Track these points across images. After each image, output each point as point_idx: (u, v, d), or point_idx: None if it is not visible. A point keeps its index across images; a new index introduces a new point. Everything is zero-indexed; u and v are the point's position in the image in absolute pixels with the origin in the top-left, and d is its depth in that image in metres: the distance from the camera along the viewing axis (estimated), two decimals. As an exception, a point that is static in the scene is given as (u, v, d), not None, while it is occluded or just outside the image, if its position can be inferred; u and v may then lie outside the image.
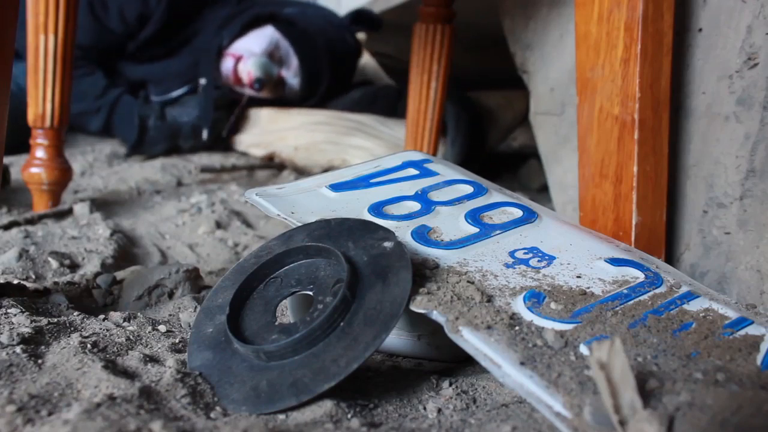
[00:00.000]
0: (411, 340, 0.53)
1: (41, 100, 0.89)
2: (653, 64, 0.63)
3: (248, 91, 1.52)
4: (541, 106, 0.94)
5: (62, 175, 0.93)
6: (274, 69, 1.51)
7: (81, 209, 0.95)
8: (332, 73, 1.58)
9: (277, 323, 0.46)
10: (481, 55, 1.65)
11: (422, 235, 0.53)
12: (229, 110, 1.58)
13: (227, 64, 1.51)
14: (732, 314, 0.47)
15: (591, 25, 0.65)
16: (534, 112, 0.96)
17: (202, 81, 1.54)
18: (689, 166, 0.67)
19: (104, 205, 1.05)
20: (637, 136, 0.62)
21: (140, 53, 1.54)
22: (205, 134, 1.50)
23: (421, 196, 0.59)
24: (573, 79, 0.69)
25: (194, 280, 0.68)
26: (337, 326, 0.43)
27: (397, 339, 0.53)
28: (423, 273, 0.47)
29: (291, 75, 1.55)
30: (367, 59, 2.00)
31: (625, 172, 0.63)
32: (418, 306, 0.43)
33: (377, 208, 0.56)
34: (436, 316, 0.43)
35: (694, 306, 0.48)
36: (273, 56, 1.52)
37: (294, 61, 1.53)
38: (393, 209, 0.57)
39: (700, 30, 0.65)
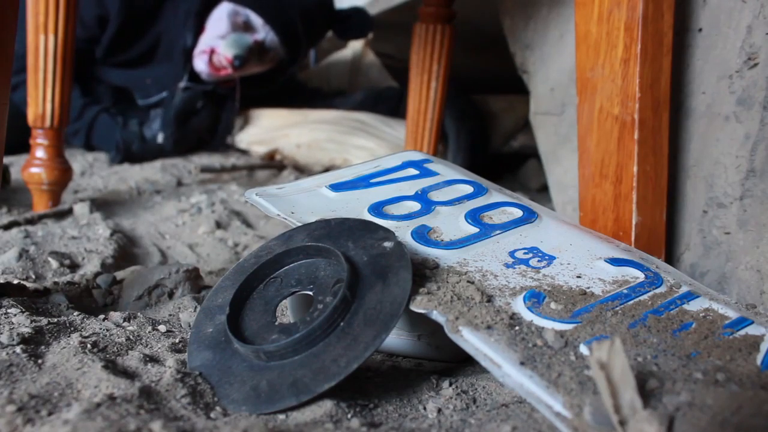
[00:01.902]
0: (411, 340, 0.53)
1: (41, 100, 0.89)
2: (653, 64, 0.63)
3: (236, 75, 1.49)
4: (541, 106, 0.94)
5: (62, 175, 0.93)
6: (246, 39, 1.46)
7: (81, 209, 0.95)
8: (304, 20, 1.51)
9: (277, 323, 0.46)
10: (481, 55, 1.65)
11: (422, 235, 0.53)
12: (219, 105, 1.55)
13: (200, 64, 1.48)
14: (732, 314, 0.47)
15: (591, 25, 0.65)
16: (534, 112, 0.96)
17: (163, 94, 1.52)
18: (689, 166, 0.67)
19: (104, 205, 1.05)
20: (637, 136, 0.62)
21: (114, 57, 1.51)
22: (160, 138, 1.48)
23: (421, 196, 0.59)
24: (573, 79, 0.69)
25: (194, 280, 0.68)
26: (337, 326, 0.43)
27: (397, 339, 0.53)
28: (423, 273, 0.47)
29: (264, 34, 1.49)
30: (372, 60, 1.99)
31: (625, 172, 0.63)
32: (418, 306, 0.43)
33: (377, 208, 0.56)
34: (436, 316, 0.43)
35: (694, 306, 0.48)
36: (239, 28, 1.47)
37: (258, 20, 1.48)
38: (393, 209, 0.57)
39: (700, 30, 0.65)
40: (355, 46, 2.04)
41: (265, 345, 0.43)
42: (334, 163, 1.43)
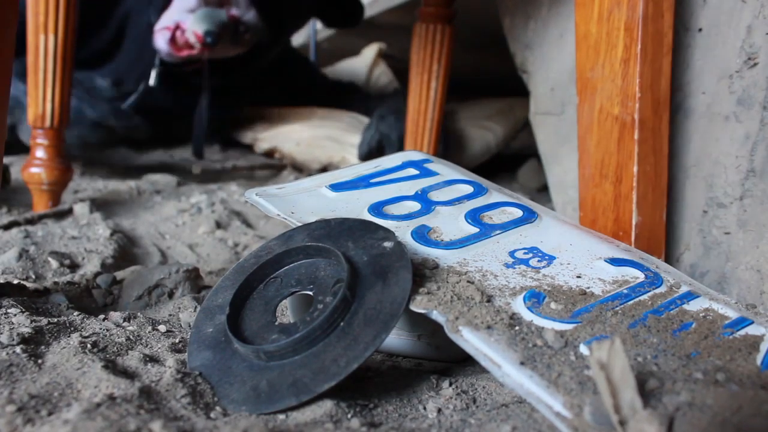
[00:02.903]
0: (411, 340, 0.53)
1: (41, 100, 0.89)
2: (653, 64, 0.63)
3: (204, 55, 1.28)
4: (541, 106, 0.94)
5: (62, 175, 0.93)
6: (220, 13, 1.25)
7: (81, 209, 0.95)
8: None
9: (277, 323, 0.46)
10: (481, 55, 1.65)
11: (422, 235, 0.53)
12: (189, 90, 1.36)
13: (160, 41, 1.26)
14: (732, 314, 0.47)
15: (591, 25, 0.65)
16: (534, 112, 0.96)
17: (141, 87, 1.34)
18: (689, 166, 0.66)
19: (104, 205, 1.05)
20: (637, 136, 0.62)
21: (78, 53, 1.30)
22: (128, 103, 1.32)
23: (421, 196, 0.59)
24: (573, 79, 0.69)
25: (194, 280, 0.68)
26: (337, 326, 0.43)
27: (397, 339, 0.53)
28: (423, 273, 0.47)
29: (243, 10, 1.28)
30: (383, 70, 1.96)
31: (625, 172, 0.63)
32: (418, 306, 0.43)
33: (377, 208, 0.56)
34: (436, 316, 0.43)
35: (694, 306, 0.48)
36: (211, 1, 1.26)
37: None
38: (393, 209, 0.57)
39: (700, 30, 0.65)
40: (367, 54, 1.99)
41: (265, 345, 0.43)
42: (332, 161, 1.42)
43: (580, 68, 0.67)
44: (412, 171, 0.65)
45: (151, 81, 1.30)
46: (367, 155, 1.31)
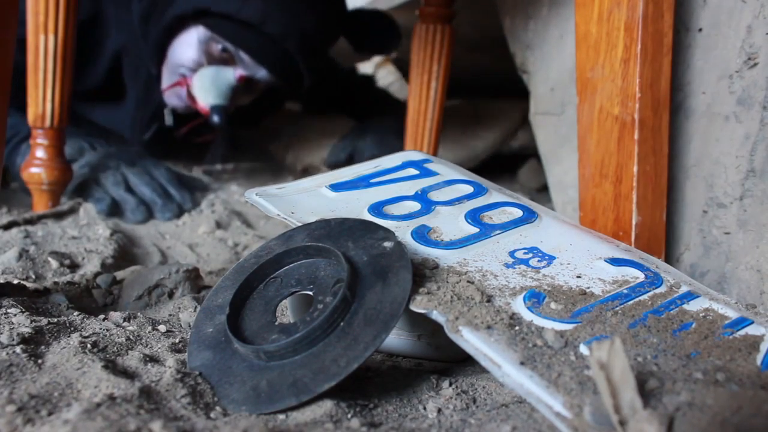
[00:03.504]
0: (411, 340, 0.53)
1: (41, 100, 0.89)
2: (653, 64, 0.63)
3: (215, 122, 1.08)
4: (541, 106, 0.94)
5: (62, 175, 0.93)
6: (227, 76, 1.06)
7: (87, 209, 0.95)
8: (305, 48, 1.08)
9: (277, 323, 0.46)
10: (481, 55, 1.65)
11: (422, 235, 0.53)
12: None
13: (174, 99, 1.11)
14: (732, 314, 0.47)
15: (591, 25, 0.65)
16: (534, 112, 0.96)
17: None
18: (689, 166, 0.66)
19: (104, 205, 1.05)
20: (637, 136, 0.62)
21: (79, 88, 1.12)
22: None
23: (421, 196, 0.59)
24: (573, 79, 0.69)
25: (194, 280, 0.68)
26: (337, 326, 0.43)
27: (397, 339, 0.53)
28: (423, 273, 0.47)
29: (253, 69, 1.08)
30: (390, 70, 1.93)
31: (625, 172, 0.63)
32: (418, 306, 0.43)
33: (377, 208, 0.56)
34: (436, 316, 0.43)
35: (694, 306, 0.48)
36: (214, 58, 1.06)
37: (243, 55, 1.07)
38: (393, 209, 0.57)
39: (700, 30, 0.65)
40: (376, 58, 1.90)
41: (265, 345, 0.43)
42: (313, 162, 1.40)
43: (580, 68, 0.67)
44: (412, 171, 0.65)
45: (167, 121, 1.16)
46: (333, 166, 1.23)
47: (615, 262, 0.52)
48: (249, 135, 1.53)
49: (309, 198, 0.58)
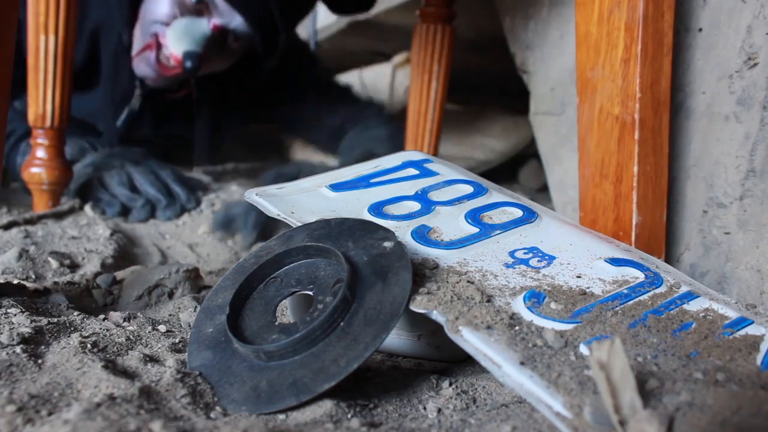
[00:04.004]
0: (411, 340, 0.53)
1: (41, 100, 0.89)
2: (653, 64, 0.63)
3: (190, 75, 1.07)
4: (541, 106, 0.94)
5: (62, 175, 0.93)
6: (201, 26, 1.02)
7: (90, 209, 0.95)
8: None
9: (277, 323, 0.46)
10: (481, 55, 1.65)
11: (422, 235, 0.53)
12: (176, 115, 1.17)
13: (143, 66, 1.07)
14: (732, 314, 0.47)
15: (591, 25, 0.65)
16: (534, 112, 0.96)
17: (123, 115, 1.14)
18: (689, 166, 0.66)
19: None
20: (637, 136, 0.62)
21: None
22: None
23: (421, 196, 0.59)
24: (573, 79, 0.69)
25: (194, 280, 0.68)
26: (337, 326, 0.43)
27: (397, 339, 0.53)
28: (423, 273, 0.47)
29: (228, 16, 1.04)
30: (407, 73, 1.88)
31: (625, 172, 0.63)
32: (418, 306, 0.43)
33: (377, 208, 0.56)
34: (436, 316, 0.43)
35: (694, 306, 0.48)
36: (187, 9, 1.03)
37: (220, 2, 1.03)
38: (393, 209, 0.57)
39: (700, 30, 0.65)
40: (396, 59, 1.84)
41: (265, 345, 0.43)
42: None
43: (580, 68, 0.67)
44: (412, 171, 0.65)
45: (134, 104, 1.12)
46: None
47: (615, 262, 0.52)
48: (260, 129, 1.50)
49: (309, 198, 0.58)
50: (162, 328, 0.55)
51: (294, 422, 0.40)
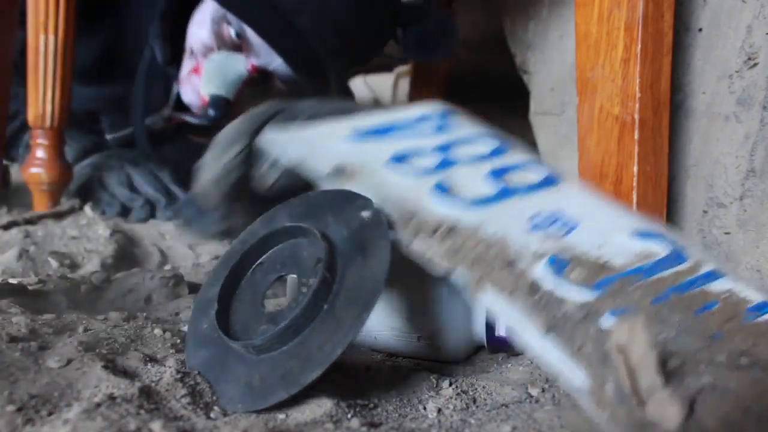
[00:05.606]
0: (410, 341, 0.53)
1: (41, 100, 0.89)
2: (653, 64, 0.63)
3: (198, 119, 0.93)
4: (541, 106, 0.94)
5: (62, 175, 0.93)
6: (237, 63, 0.89)
7: (90, 210, 0.95)
8: (340, 36, 0.89)
9: (265, 312, 0.44)
10: (481, 56, 1.64)
11: (441, 193, 0.49)
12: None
13: (190, 93, 0.95)
14: (756, 297, 0.45)
15: (591, 25, 0.65)
16: (534, 112, 0.96)
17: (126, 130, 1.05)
18: (689, 166, 0.66)
19: (104, 205, 1.05)
20: (637, 136, 0.62)
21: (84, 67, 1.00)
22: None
23: (441, 151, 0.55)
24: (573, 79, 0.69)
25: (173, 288, 0.66)
26: (321, 310, 0.41)
27: (396, 339, 0.53)
28: (441, 233, 0.44)
29: (266, 58, 0.90)
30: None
31: (625, 172, 0.63)
32: (441, 261, 0.41)
33: (394, 161, 0.52)
34: (459, 274, 0.41)
35: (717, 286, 0.45)
36: (224, 42, 0.90)
37: (257, 39, 0.88)
38: (411, 164, 0.53)
39: (700, 30, 0.65)
40: (398, 69, 1.71)
41: (253, 339, 0.42)
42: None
43: (580, 68, 0.67)
44: (434, 124, 0.59)
45: (156, 121, 1.01)
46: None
47: (639, 234, 0.49)
48: None
49: (327, 144, 0.54)
50: (162, 327, 0.55)
51: (294, 422, 0.40)
